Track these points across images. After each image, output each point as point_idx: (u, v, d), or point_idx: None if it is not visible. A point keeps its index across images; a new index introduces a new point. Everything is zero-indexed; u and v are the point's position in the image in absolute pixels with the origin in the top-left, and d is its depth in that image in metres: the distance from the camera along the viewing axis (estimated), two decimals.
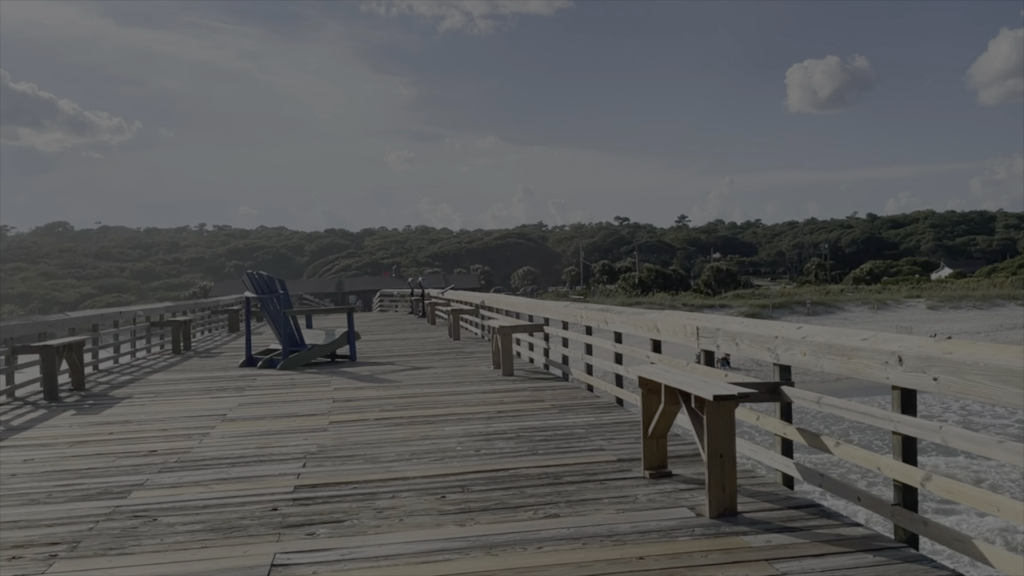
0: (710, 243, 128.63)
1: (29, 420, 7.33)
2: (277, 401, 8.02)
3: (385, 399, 7.91)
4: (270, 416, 7.12)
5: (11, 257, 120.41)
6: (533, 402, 7.43)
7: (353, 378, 9.73)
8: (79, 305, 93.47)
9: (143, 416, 7.31)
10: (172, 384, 9.71)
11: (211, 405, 7.87)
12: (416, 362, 11.34)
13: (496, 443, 5.63)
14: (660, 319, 5.93)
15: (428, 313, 21.31)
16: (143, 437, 6.28)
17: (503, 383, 8.80)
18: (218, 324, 21.03)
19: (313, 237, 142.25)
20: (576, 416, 6.61)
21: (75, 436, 6.45)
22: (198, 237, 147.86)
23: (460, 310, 15.44)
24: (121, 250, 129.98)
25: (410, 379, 9.43)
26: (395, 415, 6.94)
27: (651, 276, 73.92)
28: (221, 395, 8.57)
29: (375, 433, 6.18)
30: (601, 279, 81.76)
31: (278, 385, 9.31)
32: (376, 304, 38.35)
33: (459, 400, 7.67)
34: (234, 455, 5.53)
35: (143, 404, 8.09)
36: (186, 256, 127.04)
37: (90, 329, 11.68)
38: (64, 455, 5.70)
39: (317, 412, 7.24)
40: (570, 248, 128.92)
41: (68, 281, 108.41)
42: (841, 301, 62.59)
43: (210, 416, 7.19)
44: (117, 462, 5.42)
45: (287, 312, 11.21)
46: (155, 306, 16.21)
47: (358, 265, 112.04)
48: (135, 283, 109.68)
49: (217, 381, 9.86)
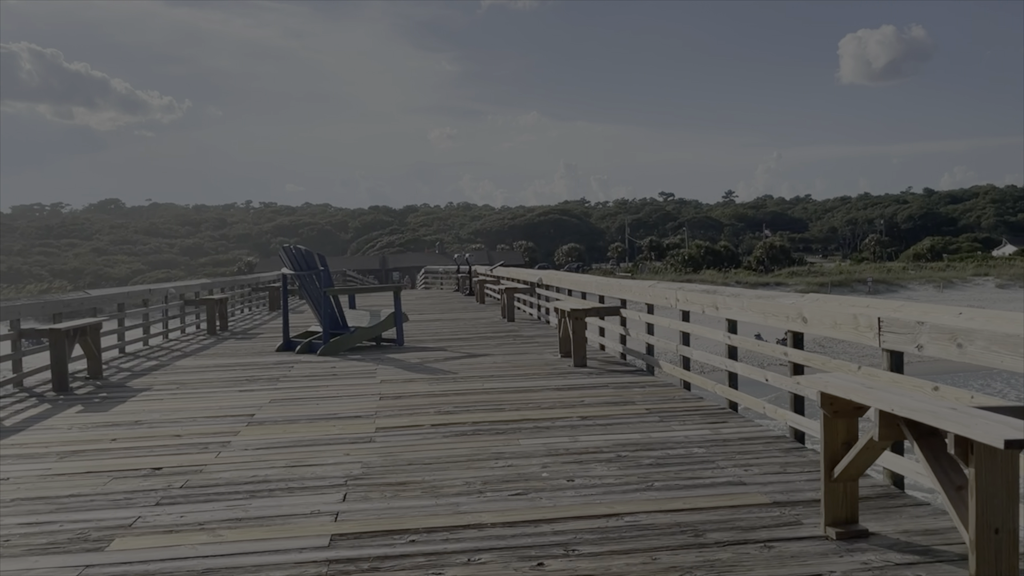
0: (759, 219, 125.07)
1: (26, 419, 6.24)
2: (314, 397, 6.81)
3: (440, 396, 6.64)
4: (305, 418, 5.90)
5: (65, 233, 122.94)
6: (621, 404, 6.08)
7: (401, 367, 8.50)
8: (129, 280, 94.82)
9: (157, 416, 6.17)
10: (199, 372, 8.60)
11: (238, 401, 6.70)
12: (470, 347, 10.08)
13: (593, 468, 4.30)
14: (807, 305, 4.50)
15: (477, 291, 20.08)
16: (150, 447, 5.11)
17: (577, 377, 7.47)
18: (258, 301, 20.10)
19: (357, 214, 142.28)
20: (684, 427, 5.24)
21: (71, 443, 5.31)
22: (245, 214, 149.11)
23: (514, 289, 14.13)
24: (170, 226, 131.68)
25: (466, 369, 8.16)
26: (454, 420, 5.66)
27: (700, 253, 71.49)
28: (251, 388, 7.41)
29: (433, 447, 4.91)
30: (648, 256, 79.61)
31: (317, 375, 8.13)
32: (420, 281, 37.31)
33: (529, 400, 6.36)
34: (256, 478, 4.31)
35: (160, 399, 6.97)
36: (233, 232, 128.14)
37: (115, 308, 10.67)
38: (48, 472, 4.55)
39: (361, 414, 6.01)
40: (614, 224, 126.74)
41: (119, 257, 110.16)
42: (903, 279, 59.74)
43: (234, 417, 6.01)
44: (109, 486, 4.24)
45: (328, 291, 10.02)
46: (189, 283, 15.24)
47: (401, 242, 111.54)
48: (184, 259, 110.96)
49: (249, 369, 8.72)
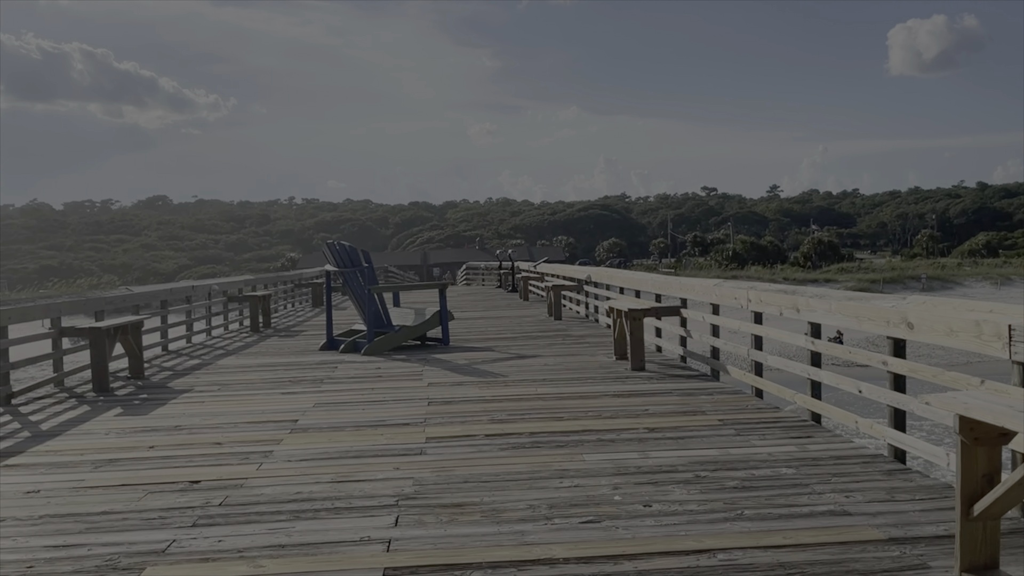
0: (805, 214, 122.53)
1: (64, 422, 6.01)
2: (360, 402, 6.47)
3: (492, 402, 6.24)
4: (351, 425, 5.56)
5: (115, 229, 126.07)
6: (691, 414, 5.61)
7: (449, 369, 8.13)
8: (176, 276, 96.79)
9: (198, 420, 5.88)
10: (241, 372, 8.35)
11: (281, 405, 6.40)
12: (518, 348, 9.67)
13: (671, 491, 3.86)
14: (913, 309, 3.98)
15: (521, 288, 19.67)
16: (189, 456, 4.81)
17: (637, 381, 7.00)
18: (301, 297, 19.99)
19: (397, 210, 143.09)
20: (765, 442, 4.76)
21: (107, 449, 5.04)
22: (288, 210, 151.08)
23: (561, 286, 13.68)
24: (215, 222, 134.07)
25: (516, 371, 7.75)
26: (510, 430, 5.25)
27: (745, 248, 70.12)
28: (295, 390, 7.11)
29: (489, 461, 4.51)
30: (692, 251, 78.38)
31: (362, 377, 7.80)
32: (461, 277, 37.06)
33: (589, 407, 5.93)
34: (300, 495, 3.95)
35: (202, 402, 6.70)
36: (276, 228, 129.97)
37: (158, 305, 10.51)
38: (81, 484, 4.26)
39: (410, 420, 5.64)
40: (656, 219, 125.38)
41: (166, 252, 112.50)
42: (959, 276, 57.73)
43: (278, 423, 5.69)
44: (144, 502, 3.93)
45: (372, 289, 9.69)
46: (232, 279, 15.11)
47: (440, 237, 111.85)
48: (229, 254, 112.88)
49: (292, 369, 8.44)
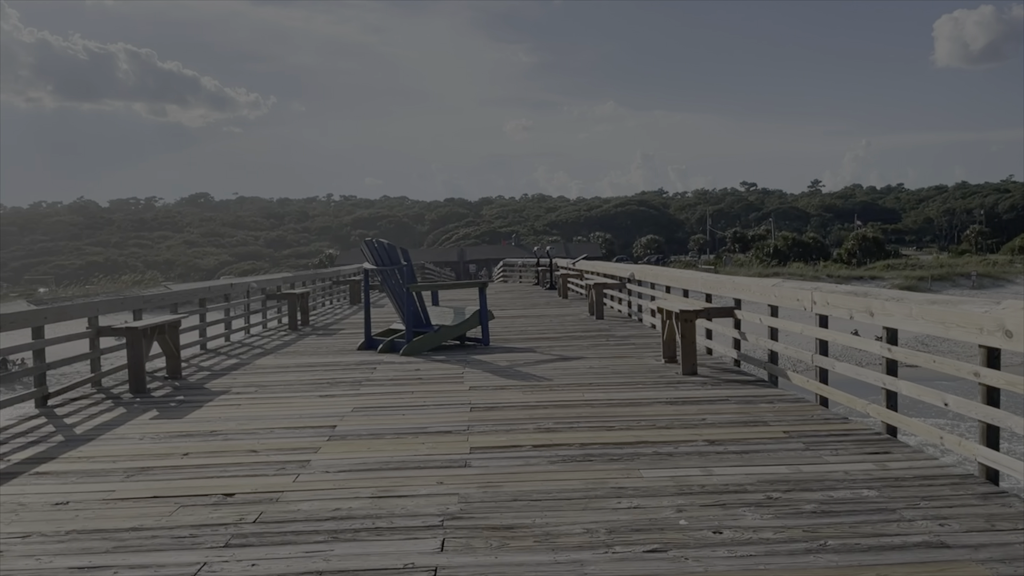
0: (847, 209, 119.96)
1: (99, 425, 5.86)
2: (400, 406, 6.22)
3: (538, 408, 5.94)
4: (391, 432, 5.30)
5: (158, 226, 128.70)
6: (752, 424, 5.24)
7: (490, 371, 7.85)
8: (217, 272, 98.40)
9: (233, 424, 5.68)
10: (279, 373, 8.17)
11: (319, 409, 6.18)
12: (561, 349, 9.36)
13: (742, 515, 3.51)
14: (1011, 315, 3.58)
15: (560, 286, 19.33)
16: (224, 465, 4.59)
17: (690, 387, 6.64)
18: (339, 295, 19.90)
19: (433, 206, 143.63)
20: (838, 458, 4.38)
21: (140, 456, 4.85)
22: (325, 207, 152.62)
23: (603, 284, 13.32)
24: (255, 219, 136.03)
25: (561, 375, 7.44)
26: (559, 440, 4.94)
27: (787, 244, 68.63)
28: (333, 392, 6.89)
29: (538, 476, 4.21)
30: (732, 247, 77.05)
31: (401, 379, 7.56)
32: (497, 274, 36.81)
33: (641, 416, 5.59)
34: (339, 512, 3.70)
35: (238, 405, 6.51)
36: (314, 225, 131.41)
37: (196, 304, 10.41)
38: (111, 495, 4.06)
39: (452, 428, 5.37)
40: (694, 215, 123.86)
41: (208, 249, 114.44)
42: (1010, 273, 55.67)
43: (316, 428, 5.46)
44: (175, 516, 3.71)
45: (411, 287, 9.46)
46: (271, 277, 15.04)
47: (476, 234, 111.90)
48: (268, 251, 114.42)
49: (331, 370, 8.24)
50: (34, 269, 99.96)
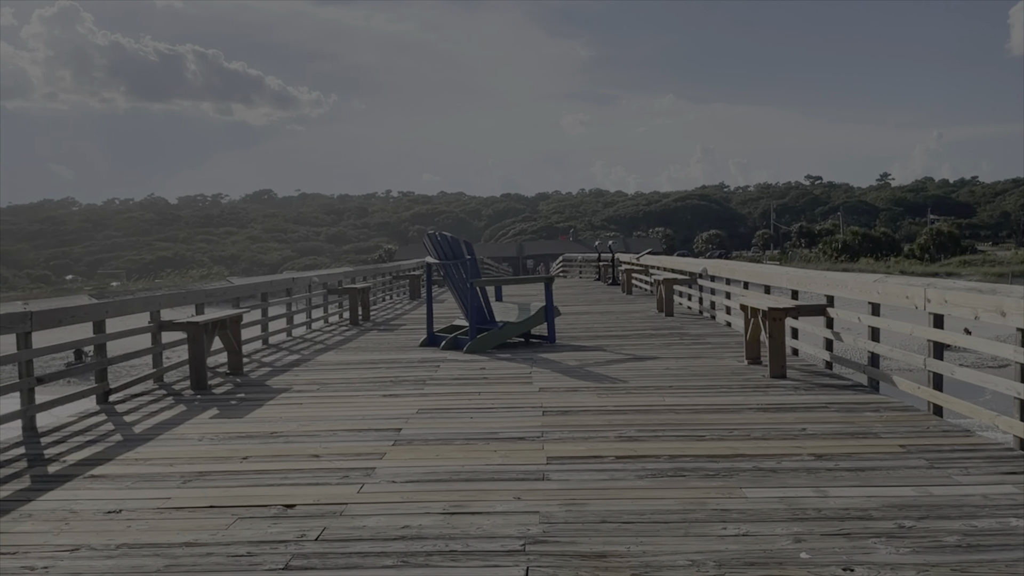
0: (918, 203, 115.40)
1: (158, 424, 5.66)
2: (467, 408, 5.86)
3: (616, 414, 5.50)
4: (460, 438, 4.93)
5: (224, 222, 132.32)
6: (861, 436, 4.69)
7: (560, 371, 7.43)
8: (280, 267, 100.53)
9: (295, 426, 5.41)
10: (341, 370, 7.91)
11: (383, 410, 5.86)
12: (632, 347, 8.87)
13: (873, 547, 3.01)
14: None
15: (623, 281, 18.79)
16: (284, 471, 4.29)
17: (780, 392, 6.10)
18: (399, 289, 19.77)
19: (489, 202, 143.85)
20: (970, 477, 3.82)
21: (199, 459, 4.60)
22: (384, 203, 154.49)
23: (673, 280, 12.75)
24: (317, 215, 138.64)
25: (637, 376, 6.98)
26: (644, 451, 4.50)
27: (856, 239, 66.17)
28: (397, 392, 6.57)
29: (627, 492, 3.77)
30: (798, 242, 74.78)
31: (466, 378, 7.20)
32: (555, 269, 36.35)
33: (732, 424, 5.09)
34: (409, 531, 3.34)
35: (300, 404, 6.24)
36: (373, 221, 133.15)
37: (259, 298, 10.28)
38: (167, 504, 3.79)
39: (525, 434, 4.97)
40: (756, 209, 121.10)
41: (271, 244, 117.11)
42: None
43: (380, 432, 5.14)
44: (232, 530, 3.40)
45: (475, 282, 9.10)
46: (332, 271, 14.93)
47: (533, 229, 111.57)
48: (329, 246, 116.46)
49: (393, 367, 7.94)
50: (107, 264, 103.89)
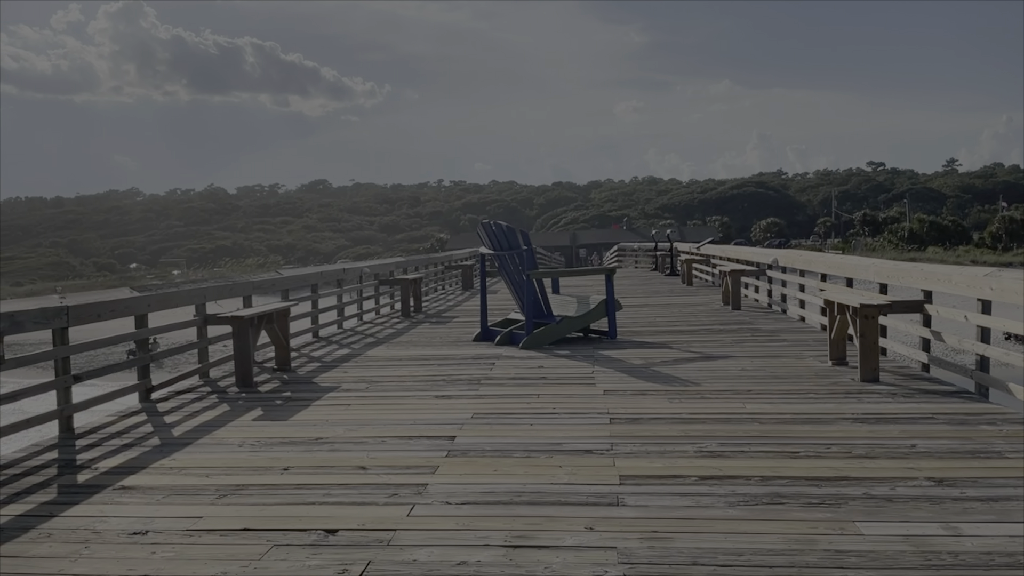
0: (988, 190, 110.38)
1: (199, 426, 5.33)
2: (527, 414, 5.37)
3: (693, 423, 4.95)
4: (520, 449, 4.46)
5: (280, 212, 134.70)
6: (983, 456, 4.05)
7: (624, 371, 6.89)
8: (334, 256, 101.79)
9: (341, 430, 5.00)
10: (392, 366, 7.52)
11: (435, 414, 5.42)
12: (700, 344, 8.27)
13: None
14: None
15: (683, 272, 18.08)
16: (328, 486, 3.88)
17: (876, 399, 5.46)
18: (452, 279, 19.41)
19: (541, 190, 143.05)
20: None
21: (237, 470, 4.22)
22: (436, 192, 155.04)
23: (740, 271, 12.04)
24: (370, 205, 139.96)
25: (709, 378, 6.40)
26: (731, 469, 3.94)
27: (924, 228, 63.57)
28: (449, 392, 6.14)
29: (717, 523, 3.24)
30: (861, 231, 72.20)
31: (524, 378, 6.72)
32: (609, 259, 35.59)
33: (827, 437, 4.49)
34: (466, 569, 2.87)
35: (347, 404, 5.85)
36: (426, 210, 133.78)
37: (308, 289, 9.97)
38: (197, 524, 3.41)
39: (592, 446, 4.46)
40: (816, 197, 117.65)
41: (326, 234, 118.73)
42: None
43: (432, 440, 4.70)
44: (266, 561, 2.99)
45: (532, 274, 8.60)
46: (384, 262, 14.62)
47: (585, 218, 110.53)
48: (382, 235, 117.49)
49: (446, 364, 7.52)
50: (169, 252, 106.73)
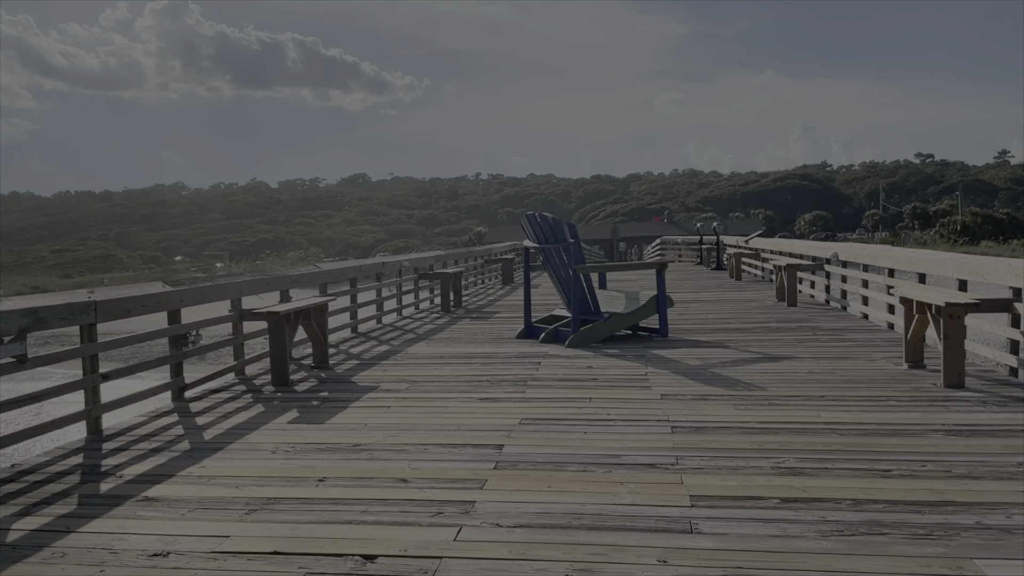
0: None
1: (231, 429, 5.04)
2: (579, 420, 4.97)
3: (763, 433, 4.50)
4: (575, 461, 4.06)
5: (320, 205, 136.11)
6: None
7: (680, 373, 6.44)
8: (373, 250, 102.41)
9: (381, 436, 4.66)
10: (433, 365, 7.18)
11: (481, 418, 5.06)
12: (759, 344, 7.78)
13: None
14: None
15: (731, 266, 17.46)
16: (365, 502, 3.53)
17: (967, 407, 4.93)
18: (491, 274, 19.07)
19: (579, 183, 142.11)
20: None
21: (268, 480, 3.90)
22: (474, 185, 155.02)
23: (796, 265, 11.46)
24: (409, 198, 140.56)
25: (774, 381, 5.92)
26: (815, 490, 3.49)
27: (977, 221, 61.30)
28: (495, 394, 5.77)
29: (811, 560, 2.79)
30: (911, 224, 70.04)
31: (572, 379, 6.32)
32: (652, 252, 34.92)
33: (920, 452, 4.00)
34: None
35: (387, 407, 5.51)
36: (464, 203, 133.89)
37: (347, 284, 9.70)
38: (222, 545, 3.08)
39: (656, 459, 4.05)
40: (863, 190, 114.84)
41: (365, 227, 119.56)
42: None
43: (478, 448, 4.33)
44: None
45: (579, 268, 8.18)
46: (423, 255, 14.31)
47: (624, 211, 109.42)
48: (420, 229, 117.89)
49: (490, 363, 7.15)
50: (212, 245, 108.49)
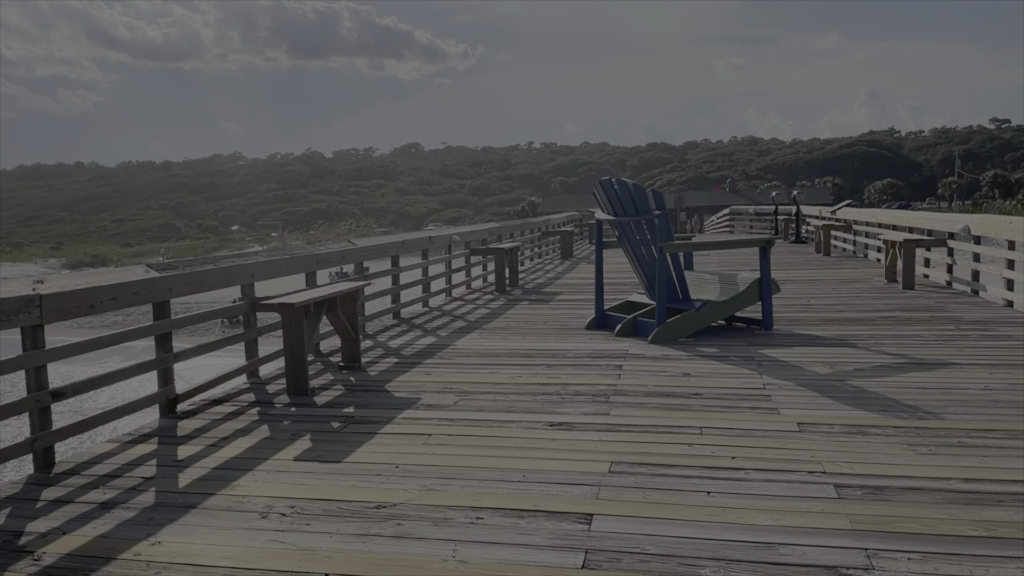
0: None
1: (217, 468, 3.76)
2: (692, 468, 3.54)
3: (979, 502, 3.02)
4: (707, 556, 2.66)
5: (374, 175, 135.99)
6: None
7: (807, 385, 4.95)
8: (425, 220, 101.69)
9: (415, 490, 3.33)
10: (486, 367, 5.82)
11: (553, 460, 3.67)
12: (892, 341, 6.21)
13: None
14: None
15: (818, 240, 15.66)
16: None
17: None
18: (549, 247, 17.62)
19: (635, 152, 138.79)
20: None
21: (248, 573, 2.61)
22: (527, 155, 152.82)
23: (915, 241, 9.72)
24: (461, 168, 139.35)
25: (943, 401, 4.39)
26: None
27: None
28: (569, 415, 4.38)
29: None
30: (991, 193, 65.80)
31: (668, 394, 4.87)
32: (717, 223, 32.89)
33: None
34: None
35: (427, 435, 4.17)
36: (516, 173, 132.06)
37: (389, 261, 8.40)
38: None
39: (833, 560, 2.62)
40: (935, 157, 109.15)
41: (418, 197, 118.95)
42: None
43: (553, 522, 2.96)
44: None
45: (667, 246, 6.69)
46: (476, 228, 12.94)
47: (681, 180, 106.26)
48: (472, 199, 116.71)
49: (557, 365, 5.76)
50: (267, 215, 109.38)
